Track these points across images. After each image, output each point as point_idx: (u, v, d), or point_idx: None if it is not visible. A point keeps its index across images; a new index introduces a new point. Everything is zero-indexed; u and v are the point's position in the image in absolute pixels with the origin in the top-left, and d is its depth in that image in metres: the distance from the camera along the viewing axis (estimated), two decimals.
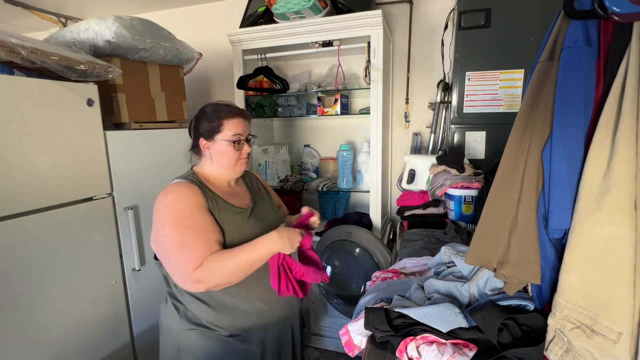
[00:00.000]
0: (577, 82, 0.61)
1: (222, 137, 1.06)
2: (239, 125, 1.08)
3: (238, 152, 1.09)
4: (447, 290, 0.78)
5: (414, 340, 0.70)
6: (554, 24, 0.66)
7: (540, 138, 0.65)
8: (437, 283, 0.80)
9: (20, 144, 1.11)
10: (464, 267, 0.81)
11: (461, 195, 1.36)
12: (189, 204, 0.99)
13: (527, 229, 0.66)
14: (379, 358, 0.74)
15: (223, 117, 1.07)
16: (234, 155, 1.08)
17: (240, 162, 1.11)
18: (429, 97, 2.12)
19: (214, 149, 1.08)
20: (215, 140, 1.07)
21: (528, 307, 0.70)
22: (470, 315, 0.69)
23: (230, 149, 1.07)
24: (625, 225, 0.54)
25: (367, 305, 0.84)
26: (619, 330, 0.55)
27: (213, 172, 1.11)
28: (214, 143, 1.07)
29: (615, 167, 0.54)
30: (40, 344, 1.18)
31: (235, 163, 1.09)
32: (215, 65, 2.53)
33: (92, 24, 1.36)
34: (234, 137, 1.07)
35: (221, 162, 1.08)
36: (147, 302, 1.59)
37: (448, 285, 0.79)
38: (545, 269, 0.66)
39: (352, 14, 1.71)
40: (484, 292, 0.75)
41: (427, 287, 0.82)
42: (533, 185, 0.66)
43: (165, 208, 0.99)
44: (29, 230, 1.14)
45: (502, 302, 0.71)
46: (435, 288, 0.80)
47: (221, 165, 1.09)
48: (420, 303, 0.77)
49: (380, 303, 0.85)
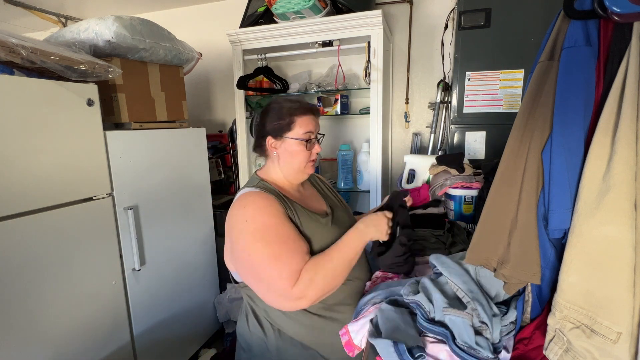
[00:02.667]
0: (577, 82, 0.61)
1: (292, 135, 0.97)
2: (310, 122, 0.99)
3: (309, 152, 0.99)
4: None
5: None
6: (554, 24, 0.66)
7: (540, 138, 0.65)
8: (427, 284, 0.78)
9: (20, 144, 1.11)
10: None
11: (461, 195, 1.36)
12: (272, 214, 0.90)
13: (527, 229, 0.66)
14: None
15: (294, 114, 0.97)
16: (305, 156, 0.99)
17: (310, 163, 1.02)
18: (429, 97, 2.12)
19: (282, 148, 0.99)
20: (284, 139, 0.98)
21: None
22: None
23: (302, 149, 0.98)
24: (625, 225, 0.54)
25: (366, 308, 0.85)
26: (618, 330, 0.55)
27: (281, 176, 1.03)
28: (283, 142, 0.98)
29: (615, 167, 0.54)
30: (40, 344, 1.18)
31: (305, 164, 1.01)
32: (215, 65, 2.53)
33: (92, 24, 1.36)
34: (305, 136, 0.97)
35: (290, 163, 1.00)
36: (147, 302, 1.59)
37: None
38: (545, 268, 0.66)
39: (352, 14, 1.71)
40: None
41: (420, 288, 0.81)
42: (533, 185, 0.66)
43: (247, 222, 0.89)
44: (29, 230, 1.14)
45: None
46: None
47: (290, 167, 1.01)
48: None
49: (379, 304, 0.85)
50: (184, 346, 1.82)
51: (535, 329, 0.72)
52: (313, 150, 1.01)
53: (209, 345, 2.03)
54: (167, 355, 1.71)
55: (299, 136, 0.97)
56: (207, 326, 2.01)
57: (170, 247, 1.71)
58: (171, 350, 1.74)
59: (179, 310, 1.78)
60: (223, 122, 2.66)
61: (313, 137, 1.00)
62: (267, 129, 1.00)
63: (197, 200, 1.88)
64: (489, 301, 0.72)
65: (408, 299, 0.77)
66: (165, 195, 1.66)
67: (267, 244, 0.87)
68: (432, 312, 0.72)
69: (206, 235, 1.98)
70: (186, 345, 1.86)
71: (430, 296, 0.74)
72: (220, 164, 2.35)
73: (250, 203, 0.92)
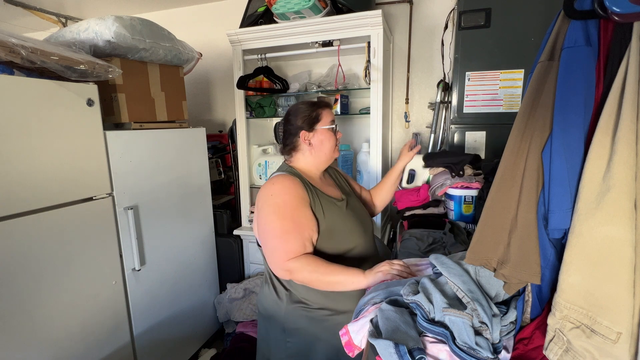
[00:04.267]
0: (577, 82, 0.61)
1: (322, 125, 1.15)
2: (331, 113, 1.18)
3: (335, 137, 1.18)
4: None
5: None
6: (554, 24, 0.66)
7: (540, 138, 0.65)
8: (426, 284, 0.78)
9: (20, 144, 1.11)
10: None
11: (461, 195, 1.36)
12: (293, 195, 1.06)
13: (527, 229, 0.66)
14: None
15: (319, 108, 1.16)
16: (334, 141, 1.17)
17: (336, 147, 1.20)
18: (429, 97, 2.12)
19: (315, 138, 1.15)
20: (316, 130, 1.14)
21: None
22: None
23: (331, 135, 1.16)
24: (625, 225, 0.54)
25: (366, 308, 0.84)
26: (618, 330, 0.55)
27: (308, 164, 1.19)
28: (315, 132, 1.15)
29: (615, 167, 0.54)
30: (40, 344, 1.18)
31: (334, 148, 1.18)
32: (215, 65, 2.53)
33: (92, 24, 1.36)
34: (332, 124, 1.16)
35: (323, 149, 1.16)
36: (147, 302, 1.59)
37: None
38: (545, 268, 0.66)
39: (352, 14, 1.71)
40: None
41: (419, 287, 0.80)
42: (533, 185, 0.66)
43: (272, 196, 1.06)
44: (29, 230, 1.14)
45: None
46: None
47: (322, 154, 1.16)
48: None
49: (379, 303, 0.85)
50: (184, 346, 1.82)
51: (535, 329, 0.72)
52: (338, 136, 1.19)
53: (209, 345, 2.03)
54: (167, 355, 1.71)
55: (327, 125, 1.15)
56: (207, 326, 2.02)
57: (170, 247, 1.71)
58: (171, 350, 1.74)
59: (179, 310, 1.78)
60: (223, 122, 2.66)
61: (335, 124, 1.18)
62: (300, 125, 1.15)
63: (197, 200, 1.88)
64: (489, 301, 0.72)
65: (408, 299, 0.77)
66: (165, 195, 1.66)
67: (282, 218, 1.04)
68: (432, 313, 0.72)
69: (206, 235, 1.98)
70: (186, 345, 1.86)
71: (430, 296, 0.74)
72: (220, 164, 2.35)
73: (278, 182, 1.08)
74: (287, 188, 1.07)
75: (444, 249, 1.20)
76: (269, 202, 1.07)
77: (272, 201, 1.06)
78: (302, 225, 1.05)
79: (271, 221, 1.05)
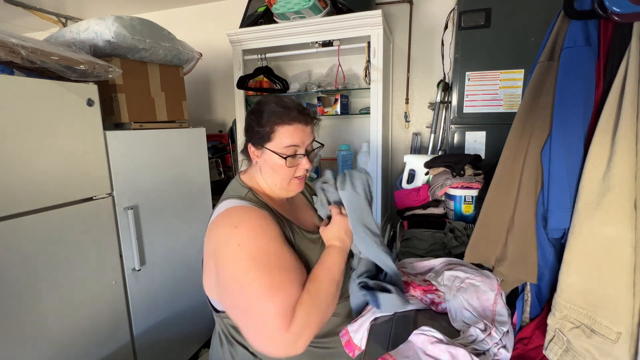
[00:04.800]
0: (576, 82, 0.61)
1: (272, 147, 0.81)
2: (296, 133, 0.81)
3: (292, 168, 0.83)
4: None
5: None
6: (554, 24, 0.66)
7: (539, 138, 0.65)
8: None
9: (20, 144, 1.11)
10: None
11: (461, 196, 1.36)
12: (269, 237, 0.76)
13: (525, 227, 0.66)
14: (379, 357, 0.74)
15: (277, 122, 0.80)
16: (287, 173, 0.83)
17: (295, 181, 0.85)
18: (429, 97, 2.12)
19: (262, 159, 0.84)
20: (264, 150, 0.82)
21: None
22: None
23: (282, 164, 0.81)
24: (625, 225, 0.54)
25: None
26: (618, 330, 0.55)
27: (265, 186, 0.88)
28: (263, 153, 0.83)
29: (615, 167, 0.55)
30: (39, 344, 1.18)
31: (287, 182, 0.84)
32: (215, 65, 2.53)
33: (92, 24, 1.36)
34: (287, 150, 0.81)
35: (272, 177, 0.85)
36: (147, 302, 1.59)
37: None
38: (545, 268, 0.66)
39: (352, 14, 1.71)
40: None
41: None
42: (531, 184, 0.66)
43: (239, 246, 0.73)
44: (29, 230, 1.14)
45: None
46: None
47: (271, 181, 0.85)
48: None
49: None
50: (184, 346, 1.82)
51: (535, 329, 0.72)
52: (299, 167, 0.84)
53: (209, 346, 2.03)
54: (167, 355, 1.71)
55: (278, 150, 0.80)
56: (207, 326, 2.01)
57: (170, 247, 1.71)
58: (171, 350, 1.74)
59: (179, 310, 1.78)
60: (223, 122, 2.66)
61: (300, 151, 0.82)
62: (249, 134, 0.86)
63: (197, 200, 1.88)
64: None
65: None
66: (165, 195, 1.66)
67: (265, 272, 0.72)
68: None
69: None
70: (186, 345, 1.86)
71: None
72: (220, 164, 2.35)
73: (241, 222, 0.76)
74: (257, 228, 0.75)
75: (444, 249, 1.20)
76: (238, 255, 0.73)
77: (242, 254, 0.73)
78: (296, 271, 0.76)
79: (251, 281, 0.71)
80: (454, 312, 0.79)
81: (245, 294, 0.71)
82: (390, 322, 0.83)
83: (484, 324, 0.70)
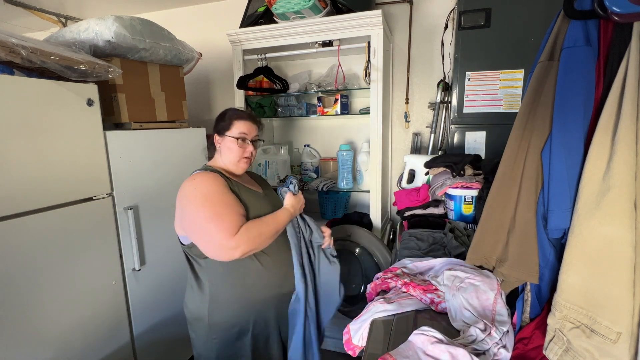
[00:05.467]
0: (577, 82, 0.61)
1: (229, 133, 1.21)
2: (245, 126, 1.22)
3: (241, 149, 1.21)
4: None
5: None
6: (554, 24, 0.66)
7: (539, 138, 0.65)
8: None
9: (20, 144, 1.11)
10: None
11: (461, 195, 1.36)
12: (216, 184, 1.12)
13: (526, 228, 0.66)
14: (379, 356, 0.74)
15: (234, 118, 1.23)
16: (238, 152, 1.21)
17: (243, 160, 1.23)
18: (429, 97, 2.12)
19: (223, 144, 1.22)
20: (224, 137, 1.21)
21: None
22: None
23: (235, 146, 1.20)
24: (625, 225, 0.54)
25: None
26: (618, 330, 0.55)
27: (223, 166, 1.25)
28: (224, 139, 1.22)
29: (615, 167, 0.55)
30: (39, 344, 1.18)
31: (238, 159, 1.22)
32: (215, 65, 2.53)
33: (92, 24, 1.36)
34: (239, 135, 1.21)
35: (228, 157, 1.22)
36: (147, 302, 1.59)
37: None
38: (545, 268, 0.66)
39: (352, 14, 1.71)
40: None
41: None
42: (532, 185, 0.66)
43: (195, 190, 1.10)
44: (29, 230, 1.14)
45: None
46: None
47: (228, 160, 1.22)
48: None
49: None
50: (184, 346, 1.82)
51: (535, 329, 0.72)
52: (246, 149, 1.22)
53: None
54: (167, 355, 1.71)
55: (234, 135, 1.20)
56: None
57: (170, 247, 1.71)
58: (171, 350, 1.74)
59: (179, 310, 1.77)
60: None
61: (248, 138, 1.22)
62: (216, 128, 1.25)
63: None
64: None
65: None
66: (165, 195, 1.66)
67: (212, 204, 1.07)
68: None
69: None
70: (186, 345, 1.85)
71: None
72: None
73: (198, 177, 1.13)
74: (208, 179, 1.12)
75: (444, 249, 1.20)
76: (193, 194, 1.09)
77: (196, 193, 1.09)
78: (234, 206, 1.10)
79: (202, 209, 1.07)
80: (453, 312, 0.79)
81: (200, 217, 1.06)
82: (390, 322, 0.83)
83: (484, 324, 0.70)
